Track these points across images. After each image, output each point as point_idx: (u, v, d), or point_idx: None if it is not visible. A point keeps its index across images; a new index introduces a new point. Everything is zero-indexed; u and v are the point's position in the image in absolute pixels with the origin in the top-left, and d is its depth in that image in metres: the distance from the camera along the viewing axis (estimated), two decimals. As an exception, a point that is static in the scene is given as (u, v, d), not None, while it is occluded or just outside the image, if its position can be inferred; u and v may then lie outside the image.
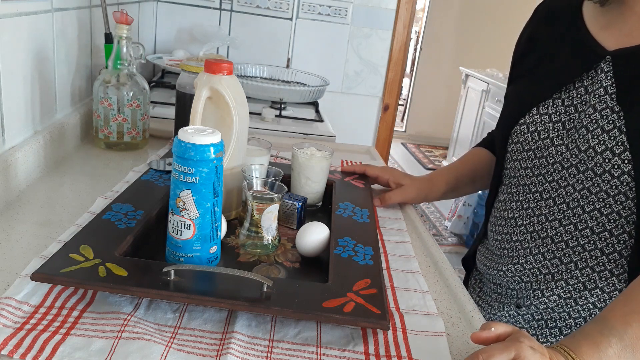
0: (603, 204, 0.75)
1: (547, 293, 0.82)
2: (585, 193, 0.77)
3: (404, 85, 5.24)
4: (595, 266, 0.78)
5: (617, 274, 0.77)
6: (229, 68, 0.81)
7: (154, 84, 1.65)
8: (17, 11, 0.87)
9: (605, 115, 0.74)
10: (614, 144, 0.72)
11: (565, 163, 0.79)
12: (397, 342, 0.62)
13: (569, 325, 0.81)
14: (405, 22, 2.09)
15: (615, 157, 0.72)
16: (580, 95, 0.78)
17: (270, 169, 0.88)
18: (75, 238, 0.68)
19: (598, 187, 0.75)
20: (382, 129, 2.22)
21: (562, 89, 0.81)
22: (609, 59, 0.76)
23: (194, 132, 0.65)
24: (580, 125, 0.77)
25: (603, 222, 0.76)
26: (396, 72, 2.15)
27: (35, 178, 0.94)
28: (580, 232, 0.78)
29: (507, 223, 0.89)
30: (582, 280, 0.79)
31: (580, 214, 0.78)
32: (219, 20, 2.00)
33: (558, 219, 0.81)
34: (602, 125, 0.74)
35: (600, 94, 0.75)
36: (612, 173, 0.73)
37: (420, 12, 5.29)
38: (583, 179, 0.76)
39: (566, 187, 0.79)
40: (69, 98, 1.14)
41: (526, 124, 0.84)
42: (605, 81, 0.75)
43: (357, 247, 0.76)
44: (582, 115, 0.77)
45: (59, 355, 0.53)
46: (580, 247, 0.79)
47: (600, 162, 0.74)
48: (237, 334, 0.60)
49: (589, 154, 0.75)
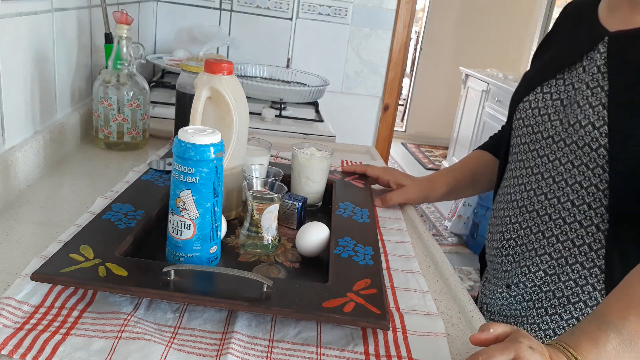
0: (583, 177, 0.78)
1: (533, 269, 0.84)
2: (568, 166, 0.80)
3: (404, 85, 5.24)
4: (575, 239, 0.80)
5: (596, 249, 0.79)
6: (229, 68, 0.81)
7: (154, 84, 1.65)
8: (17, 11, 0.87)
9: (595, 92, 0.77)
10: (596, 118, 0.75)
11: (556, 137, 0.82)
12: (397, 342, 0.62)
13: (554, 305, 0.82)
14: (405, 22, 2.09)
15: (595, 131, 0.75)
16: (578, 75, 0.81)
17: (270, 169, 0.88)
18: (75, 238, 0.68)
19: (580, 160, 0.78)
20: (382, 129, 2.22)
21: (564, 70, 0.84)
22: (606, 40, 0.78)
23: (194, 132, 0.65)
24: (574, 101, 0.80)
25: (583, 195, 0.78)
26: (396, 72, 2.15)
27: (35, 178, 0.94)
28: (563, 205, 0.81)
29: (504, 199, 0.92)
30: (565, 255, 0.81)
31: (564, 187, 0.81)
32: (219, 20, 2.00)
33: (544, 192, 0.83)
34: (590, 102, 0.77)
35: (594, 72, 0.78)
36: (591, 146, 0.76)
37: (420, 12, 5.28)
38: (568, 152, 0.80)
39: (554, 160, 0.82)
40: (69, 98, 1.14)
41: (529, 101, 0.88)
42: (599, 60, 0.78)
43: (357, 247, 0.76)
44: (577, 92, 0.80)
45: (59, 355, 0.53)
46: (561, 220, 0.81)
47: (583, 135, 0.77)
48: (237, 334, 0.60)
49: (575, 128, 0.78)
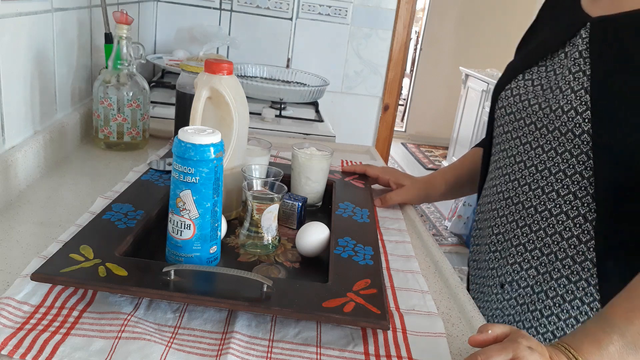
0: (567, 164, 0.76)
1: (525, 266, 0.82)
2: (551, 154, 0.78)
3: (404, 85, 5.24)
4: (563, 232, 0.78)
5: (585, 241, 0.76)
6: (229, 68, 0.81)
7: (154, 84, 1.65)
8: (17, 11, 0.87)
9: (577, 77, 0.76)
10: (579, 103, 0.74)
11: (539, 123, 0.80)
12: (397, 343, 0.62)
13: (549, 306, 0.80)
14: (405, 22, 2.09)
15: (578, 116, 0.73)
16: (560, 61, 0.80)
17: (270, 169, 0.88)
18: (75, 238, 0.68)
19: (563, 147, 0.76)
20: (382, 129, 2.22)
21: (547, 57, 0.83)
22: (588, 26, 0.77)
23: (194, 132, 0.65)
24: (556, 86, 0.79)
25: (567, 184, 0.76)
26: (396, 72, 2.15)
27: (35, 178, 0.94)
28: (547, 195, 0.79)
29: (490, 192, 0.89)
30: (554, 250, 0.79)
31: (547, 176, 0.78)
32: (219, 20, 2.00)
33: (528, 182, 0.81)
34: (572, 86, 0.75)
35: (576, 57, 0.77)
36: (574, 132, 0.74)
37: (420, 12, 5.28)
38: (551, 138, 0.78)
39: (536, 148, 0.80)
40: (69, 98, 1.14)
41: (511, 89, 0.86)
42: (581, 46, 0.77)
43: (357, 247, 0.76)
44: (559, 77, 0.79)
45: (59, 355, 0.53)
46: (547, 212, 0.79)
47: (565, 121, 0.75)
48: (237, 333, 0.60)
49: (557, 114, 0.76)
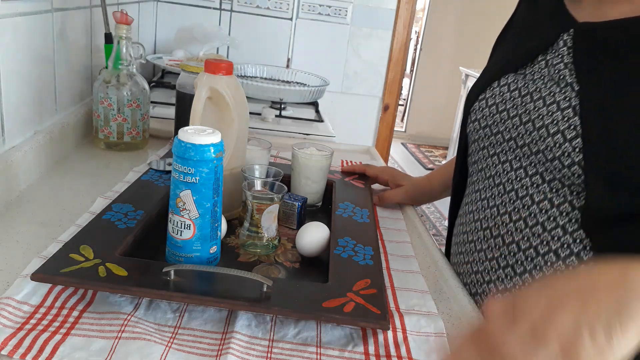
0: (556, 194, 0.64)
1: None
2: (536, 180, 0.66)
3: (404, 85, 5.24)
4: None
5: None
6: (229, 68, 0.81)
7: (154, 84, 1.65)
8: (17, 11, 0.87)
9: (565, 91, 0.65)
10: (566, 127, 0.62)
11: (519, 140, 0.69)
12: (397, 343, 0.62)
13: None
14: (405, 22, 2.09)
15: (567, 144, 0.62)
16: (541, 69, 0.70)
17: (270, 169, 0.88)
18: (75, 238, 0.68)
19: (551, 175, 0.64)
20: (382, 129, 2.22)
21: (526, 64, 0.73)
22: (572, 32, 0.68)
23: (194, 132, 0.65)
24: (538, 96, 0.68)
25: (554, 215, 0.64)
26: (396, 72, 2.15)
27: (35, 178, 0.94)
28: (531, 229, 0.66)
29: (467, 219, 0.79)
30: None
31: (529, 205, 0.66)
32: (219, 20, 2.00)
33: (508, 211, 0.69)
34: (558, 101, 0.65)
35: (560, 68, 0.67)
36: (562, 162, 0.63)
37: (420, 12, 5.28)
38: (535, 161, 0.66)
39: (517, 169, 0.69)
40: (69, 98, 1.14)
41: (485, 98, 0.75)
42: (566, 57, 0.67)
43: (357, 247, 0.76)
44: (541, 85, 0.68)
45: (58, 355, 0.53)
46: (532, 251, 0.66)
47: (551, 146, 0.64)
48: (237, 333, 0.60)
49: (542, 134, 0.65)
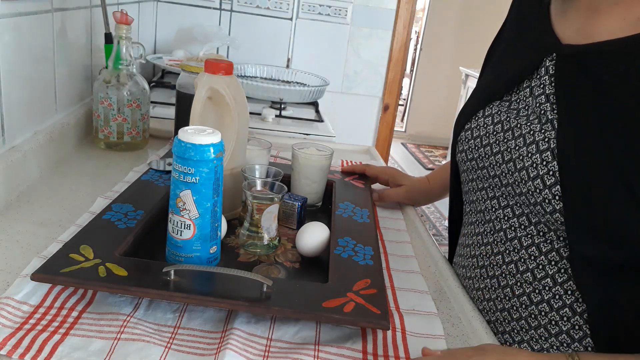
0: (543, 238, 0.61)
1: None
2: (523, 221, 0.62)
3: (404, 85, 5.24)
4: (548, 326, 0.62)
5: (578, 339, 0.61)
6: (229, 68, 0.81)
7: (154, 84, 1.65)
8: (17, 11, 0.87)
9: (544, 129, 0.60)
10: (545, 172, 0.58)
11: (504, 179, 0.64)
12: (396, 343, 0.62)
13: None
14: (405, 22, 2.09)
15: (546, 190, 0.58)
16: (525, 98, 0.65)
17: (270, 169, 0.88)
18: (75, 238, 0.68)
19: (536, 218, 0.61)
20: (382, 129, 2.22)
21: (512, 90, 0.68)
22: (554, 57, 0.62)
23: (194, 132, 0.65)
24: (519, 132, 0.63)
25: (543, 264, 0.61)
26: (396, 72, 2.15)
27: (35, 178, 0.94)
28: (522, 275, 0.63)
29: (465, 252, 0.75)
30: (544, 347, 0.63)
31: (519, 250, 0.63)
32: (219, 20, 2.00)
33: (501, 252, 0.66)
34: (537, 141, 0.60)
35: (542, 101, 0.62)
36: (543, 207, 0.59)
37: (420, 12, 5.28)
38: (520, 202, 0.62)
39: (505, 208, 0.65)
40: (69, 98, 1.14)
41: (471, 129, 0.72)
42: (548, 87, 0.62)
43: (357, 247, 0.76)
44: (523, 120, 0.64)
45: (57, 355, 0.53)
46: (526, 298, 0.63)
47: (532, 190, 0.60)
48: (236, 330, 0.60)
49: (522, 176, 0.61)
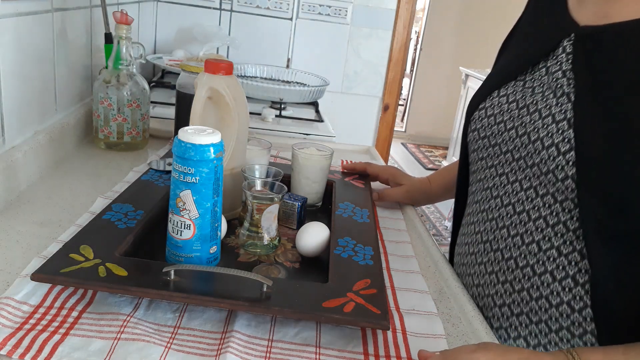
0: (549, 211, 0.63)
1: (512, 333, 0.67)
2: (531, 194, 0.65)
3: (404, 85, 5.24)
4: (550, 297, 0.63)
5: (579, 309, 0.62)
6: (229, 68, 0.81)
7: (154, 84, 1.65)
8: (17, 11, 0.87)
9: (560, 102, 0.63)
10: (561, 139, 0.61)
11: (516, 153, 0.68)
12: (397, 343, 0.62)
13: None
14: (405, 22, 2.09)
15: (560, 157, 0.61)
16: (541, 77, 0.68)
17: (270, 169, 0.88)
18: (75, 238, 0.68)
19: (545, 189, 0.63)
20: (382, 129, 2.22)
21: (526, 71, 0.71)
22: (572, 37, 0.65)
23: (194, 132, 0.65)
24: (534, 108, 0.66)
25: (549, 235, 0.63)
26: (396, 72, 2.14)
27: (35, 178, 0.94)
28: (527, 247, 0.65)
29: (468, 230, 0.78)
30: (543, 318, 0.64)
31: (526, 222, 0.65)
32: (219, 20, 2.00)
33: (507, 225, 0.68)
34: (554, 113, 0.63)
35: (558, 77, 0.65)
36: (556, 175, 0.61)
37: (420, 12, 5.28)
38: (530, 175, 0.65)
39: (514, 182, 0.68)
40: (69, 98, 1.14)
41: (485, 108, 0.74)
42: (565, 64, 0.65)
43: (357, 247, 0.76)
44: (539, 97, 0.67)
45: (57, 355, 0.53)
46: (529, 269, 0.65)
47: (546, 159, 0.62)
48: (237, 332, 0.60)
49: (537, 147, 0.64)
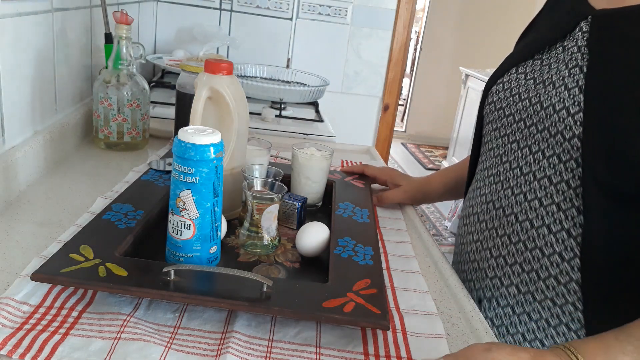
0: (554, 170, 0.71)
1: (505, 282, 0.77)
2: (538, 156, 0.73)
3: (404, 85, 5.24)
4: (544, 247, 0.72)
5: (568, 259, 0.69)
6: (229, 68, 0.81)
7: (154, 84, 1.65)
8: (17, 11, 0.87)
9: (573, 73, 0.70)
10: (572, 103, 0.68)
11: (528, 120, 0.75)
12: (397, 343, 0.62)
13: (531, 330, 0.74)
14: (405, 22, 2.09)
15: (569, 117, 0.68)
16: (557, 55, 0.75)
17: (270, 169, 0.88)
18: (75, 238, 0.68)
19: (552, 150, 0.71)
20: (382, 129, 2.22)
21: (544, 50, 0.78)
22: (589, 19, 0.72)
23: (194, 132, 0.65)
24: (549, 81, 0.73)
25: (551, 192, 0.71)
26: (396, 72, 2.14)
27: (35, 178, 0.94)
28: (530, 203, 0.73)
29: (474, 194, 0.85)
30: (535, 267, 0.72)
31: (531, 181, 0.73)
32: (219, 20, 2.00)
33: (511, 186, 0.76)
34: (566, 83, 0.70)
35: (574, 52, 0.72)
36: (564, 135, 0.69)
37: (420, 12, 5.28)
38: (540, 139, 0.73)
39: (524, 148, 0.75)
40: (69, 98, 1.14)
41: (502, 82, 0.82)
42: (580, 40, 0.72)
43: (357, 247, 0.76)
44: (554, 71, 0.74)
45: (57, 355, 0.53)
46: (528, 223, 0.73)
47: (556, 121, 0.70)
48: (237, 333, 0.60)
49: (548, 112, 0.71)
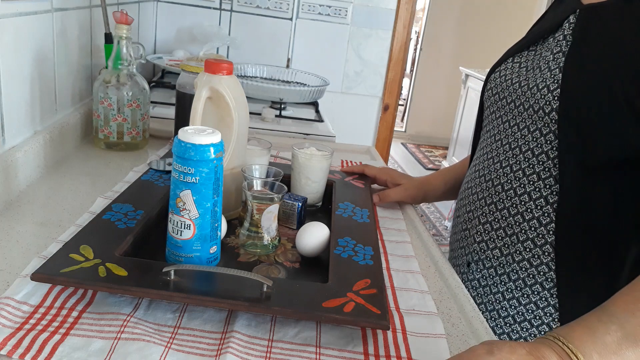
0: (536, 143, 0.78)
1: (490, 245, 0.84)
2: (524, 132, 0.80)
3: (404, 85, 5.24)
4: (524, 212, 0.80)
5: (545, 224, 0.78)
6: (229, 68, 0.81)
7: (154, 84, 1.65)
8: (17, 11, 0.87)
9: (556, 57, 0.78)
10: (552, 81, 0.76)
11: (517, 101, 0.82)
12: (397, 343, 0.62)
13: (510, 289, 0.82)
14: (405, 22, 2.09)
15: (549, 94, 0.75)
16: (548, 45, 0.82)
17: (270, 169, 0.88)
18: (75, 238, 0.68)
19: (535, 125, 0.78)
20: (382, 129, 2.22)
21: (538, 42, 0.85)
22: (577, 12, 0.78)
23: (194, 132, 0.65)
24: (537, 66, 0.81)
25: (533, 163, 0.79)
26: (396, 72, 2.15)
27: (35, 178, 0.94)
28: (515, 173, 0.81)
29: (469, 172, 0.93)
30: (516, 231, 0.81)
31: (517, 154, 0.81)
32: (219, 20, 2.00)
33: (500, 160, 0.84)
34: (550, 66, 0.78)
35: (559, 40, 0.79)
36: (544, 109, 0.76)
37: (420, 12, 5.28)
38: (526, 116, 0.80)
39: (513, 126, 0.83)
40: (69, 98, 1.14)
41: (499, 70, 0.89)
42: (567, 30, 0.79)
43: (357, 247, 0.76)
44: (542, 58, 0.81)
45: (58, 355, 0.53)
46: (512, 191, 0.81)
47: (538, 98, 0.77)
48: (237, 333, 0.60)
49: (533, 91, 0.79)
